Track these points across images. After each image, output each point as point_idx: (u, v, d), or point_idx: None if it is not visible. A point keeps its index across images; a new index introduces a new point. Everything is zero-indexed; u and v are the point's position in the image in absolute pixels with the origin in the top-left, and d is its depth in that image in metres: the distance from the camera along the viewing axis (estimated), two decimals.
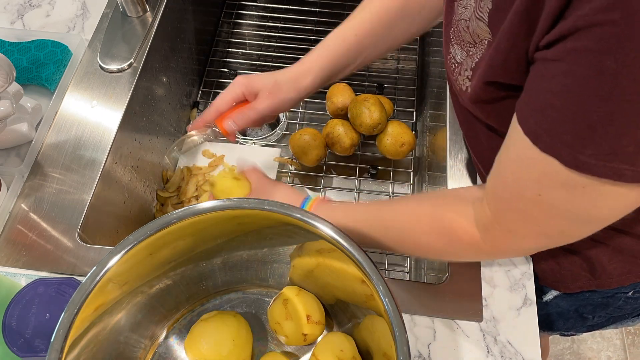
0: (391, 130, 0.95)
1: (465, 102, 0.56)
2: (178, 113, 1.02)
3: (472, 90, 0.52)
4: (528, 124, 0.40)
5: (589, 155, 0.37)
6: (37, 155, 0.75)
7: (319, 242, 0.53)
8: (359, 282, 0.51)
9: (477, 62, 0.50)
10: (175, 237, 0.52)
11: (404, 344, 0.44)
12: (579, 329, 0.84)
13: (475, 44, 0.49)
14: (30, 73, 0.82)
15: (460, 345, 0.62)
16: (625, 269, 0.66)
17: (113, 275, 0.48)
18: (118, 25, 0.87)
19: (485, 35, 0.47)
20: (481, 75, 0.48)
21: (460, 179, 0.74)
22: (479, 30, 0.48)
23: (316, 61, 0.69)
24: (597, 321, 0.79)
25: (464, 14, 0.50)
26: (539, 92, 0.39)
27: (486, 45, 0.47)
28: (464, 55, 0.52)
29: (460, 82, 0.54)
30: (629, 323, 0.82)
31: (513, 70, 0.44)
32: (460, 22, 0.51)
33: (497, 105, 0.51)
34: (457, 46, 0.53)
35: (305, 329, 0.59)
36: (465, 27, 0.50)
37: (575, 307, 0.77)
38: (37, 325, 0.57)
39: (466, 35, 0.50)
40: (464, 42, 0.51)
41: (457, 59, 0.54)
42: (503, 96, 0.49)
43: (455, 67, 0.54)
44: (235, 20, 1.20)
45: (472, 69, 0.51)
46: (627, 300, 0.72)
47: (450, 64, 0.56)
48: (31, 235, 0.69)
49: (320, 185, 1.00)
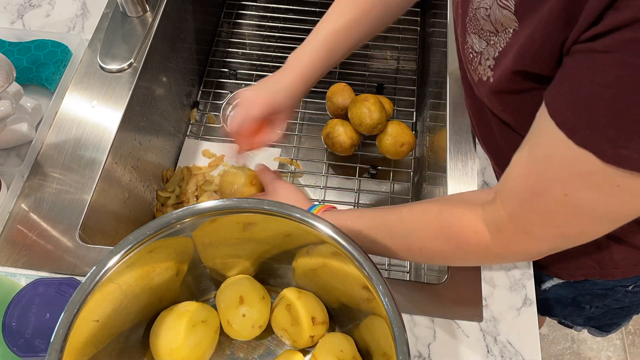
0: (391, 130, 0.95)
1: (483, 93, 0.54)
2: (178, 113, 1.02)
3: (496, 80, 0.50)
4: (564, 116, 0.38)
5: (632, 150, 0.36)
6: (37, 155, 0.75)
7: (321, 246, 0.53)
8: (360, 286, 0.51)
9: (501, 51, 0.48)
10: (178, 241, 0.53)
11: (404, 344, 0.44)
12: (575, 319, 0.84)
13: (497, 32, 0.48)
14: (30, 73, 0.82)
15: (460, 345, 0.62)
16: (633, 260, 0.66)
17: (113, 275, 0.48)
18: (118, 25, 0.87)
19: (511, 24, 0.46)
20: (509, 64, 0.47)
21: (460, 179, 0.74)
22: (503, 19, 0.46)
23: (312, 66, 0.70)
24: (594, 312, 0.79)
25: (483, 2, 0.49)
26: (582, 84, 0.37)
27: (511, 34, 0.46)
28: (484, 45, 0.50)
29: (480, 72, 0.52)
30: (625, 322, 0.82)
31: (545, 60, 0.43)
32: (479, 11, 0.50)
33: (519, 97, 0.50)
34: (475, 35, 0.51)
35: (312, 332, 0.59)
36: (485, 15, 0.49)
37: (573, 295, 0.77)
38: (37, 325, 0.57)
39: (486, 24, 0.49)
40: (484, 31, 0.50)
41: (475, 49, 0.52)
42: (528, 88, 0.48)
43: (474, 56, 0.53)
44: (235, 20, 1.20)
45: (495, 58, 0.49)
46: (626, 293, 0.72)
47: (467, 53, 0.54)
48: (31, 235, 0.69)
49: (321, 185, 1.00)
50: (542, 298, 0.79)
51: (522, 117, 0.45)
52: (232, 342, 0.63)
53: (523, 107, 0.50)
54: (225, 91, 1.12)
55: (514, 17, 0.45)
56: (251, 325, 0.59)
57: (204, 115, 1.10)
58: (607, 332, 0.85)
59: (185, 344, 0.56)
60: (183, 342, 0.56)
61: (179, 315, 0.58)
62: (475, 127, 0.69)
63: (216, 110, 1.07)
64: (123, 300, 0.53)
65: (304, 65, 0.70)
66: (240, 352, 0.63)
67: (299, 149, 1.05)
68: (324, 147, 1.01)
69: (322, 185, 1.00)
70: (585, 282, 0.73)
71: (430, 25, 1.12)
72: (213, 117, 1.08)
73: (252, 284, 0.62)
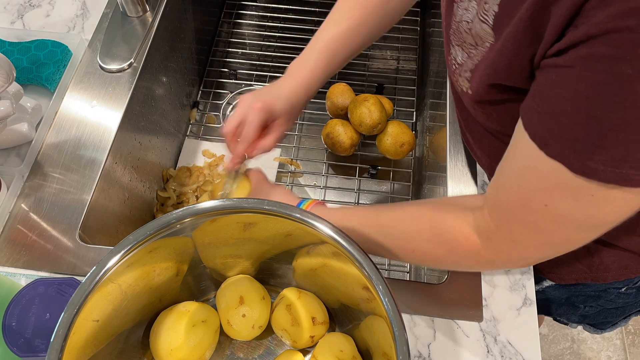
0: (391, 130, 0.95)
1: (467, 103, 0.55)
2: (178, 113, 1.02)
3: (474, 92, 0.52)
4: (535, 129, 0.40)
5: (597, 162, 0.36)
6: (37, 155, 0.75)
7: (321, 246, 0.53)
8: (360, 286, 0.51)
9: (477, 64, 0.50)
10: (178, 241, 0.53)
11: (404, 344, 0.44)
12: (570, 317, 0.85)
13: (476, 46, 0.49)
14: (30, 73, 0.82)
15: (460, 345, 0.62)
16: (623, 263, 0.66)
17: (113, 275, 0.48)
18: (118, 25, 0.87)
19: (488, 38, 0.47)
20: (483, 77, 0.48)
21: (460, 179, 0.74)
22: (481, 33, 0.47)
23: (314, 72, 0.70)
24: (589, 311, 0.80)
25: (465, 15, 0.50)
26: (549, 97, 0.38)
27: (488, 48, 0.47)
28: (465, 57, 0.52)
29: (460, 83, 0.54)
30: (622, 323, 0.82)
31: (517, 74, 0.44)
32: (461, 24, 0.51)
33: (500, 107, 0.51)
34: (458, 47, 0.53)
35: (312, 332, 0.59)
36: (467, 28, 0.50)
37: (567, 296, 0.78)
38: (37, 325, 0.57)
39: (468, 37, 0.50)
40: (465, 44, 0.51)
41: (458, 60, 0.54)
42: (506, 98, 0.49)
43: (456, 68, 0.54)
44: (235, 20, 1.20)
45: (472, 70, 0.51)
46: (619, 294, 0.73)
47: (451, 64, 0.56)
48: (31, 235, 0.69)
49: (321, 185, 1.00)
50: (537, 298, 0.79)
51: (507, 124, 0.45)
52: (232, 342, 0.63)
53: (504, 117, 0.51)
54: (225, 91, 1.12)
55: (491, 31, 0.46)
56: (251, 325, 0.59)
57: (204, 115, 1.10)
58: (602, 329, 0.85)
59: (185, 344, 0.56)
60: (183, 342, 0.56)
61: (179, 315, 0.58)
62: (466, 133, 0.69)
63: (216, 110, 1.07)
64: (123, 300, 0.53)
65: (305, 74, 0.70)
66: (240, 352, 0.63)
67: (299, 149, 1.05)
68: (324, 147, 1.01)
69: (322, 185, 1.00)
70: (577, 284, 0.73)
71: (430, 25, 1.12)
72: (213, 117, 1.08)
73: (252, 284, 0.62)
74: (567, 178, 0.38)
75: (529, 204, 0.43)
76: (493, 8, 0.45)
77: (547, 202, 0.42)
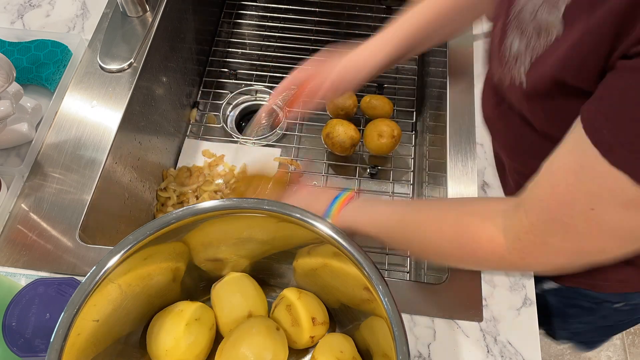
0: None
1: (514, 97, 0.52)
2: (178, 113, 1.02)
3: (529, 86, 0.48)
4: (600, 135, 0.37)
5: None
6: (37, 155, 0.75)
7: (321, 246, 0.53)
8: (361, 286, 0.51)
9: (539, 57, 0.46)
10: (178, 241, 0.53)
11: (404, 344, 0.44)
12: (560, 332, 0.83)
13: (539, 36, 0.46)
14: (30, 73, 0.82)
15: (460, 345, 0.62)
16: (623, 275, 0.65)
17: (113, 275, 0.48)
18: (118, 25, 0.87)
19: (556, 28, 0.44)
20: (548, 71, 0.45)
21: (460, 179, 0.74)
22: (549, 22, 0.44)
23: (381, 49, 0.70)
24: (579, 328, 0.78)
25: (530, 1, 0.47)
26: (621, 102, 0.36)
27: (553, 40, 0.44)
28: (523, 47, 0.48)
29: (513, 74, 0.50)
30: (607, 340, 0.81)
31: (588, 73, 0.41)
32: (524, 10, 0.47)
33: (554, 104, 0.48)
34: (517, 37, 0.49)
35: (312, 332, 0.59)
36: (531, 16, 0.46)
37: (562, 305, 0.77)
38: (37, 325, 0.57)
39: (530, 25, 0.47)
40: (526, 32, 0.48)
41: (513, 49, 0.50)
42: (564, 97, 0.46)
43: (510, 58, 0.51)
44: (235, 20, 1.20)
45: (532, 63, 0.47)
46: (614, 311, 0.72)
47: (503, 54, 0.52)
48: (31, 235, 0.69)
49: (321, 185, 1.00)
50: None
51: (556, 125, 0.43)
52: None
53: (557, 115, 0.48)
54: (225, 91, 1.12)
55: (562, 21, 0.43)
56: None
57: (204, 115, 1.09)
58: (591, 348, 0.84)
59: (180, 344, 0.56)
60: (178, 341, 0.56)
61: (172, 316, 0.58)
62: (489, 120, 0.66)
63: (216, 110, 1.07)
64: (123, 300, 0.53)
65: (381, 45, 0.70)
66: None
67: (299, 149, 1.05)
68: (324, 147, 1.01)
69: (322, 185, 1.00)
70: (575, 291, 0.72)
71: None
72: (213, 117, 1.08)
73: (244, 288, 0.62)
74: (626, 187, 0.36)
75: (574, 204, 0.41)
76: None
77: (594, 207, 0.39)
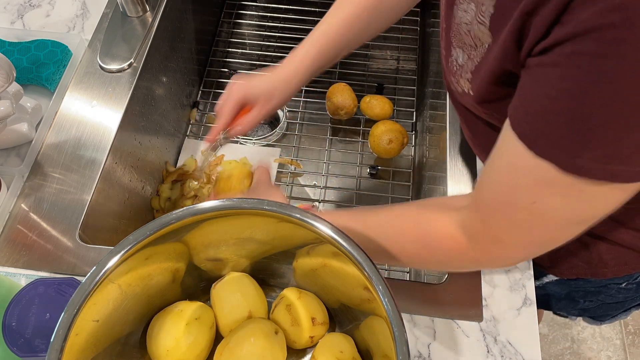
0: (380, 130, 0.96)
1: (467, 103, 0.56)
2: (178, 113, 1.02)
3: (476, 93, 0.52)
4: (522, 129, 0.40)
5: (587, 159, 0.37)
6: (37, 155, 0.75)
7: (321, 246, 0.53)
8: (361, 286, 0.51)
9: (477, 66, 0.50)
10: (178, 241, 0.52)
11: (404, 344, 0.44)
12: (570, 311, 0.85)
13: (476, 47, 0.49)
14: (30, 73, 0.82)
15: (460, 345, 0.62)
16: (622, 260, 0.67)
17: (113, 275, 0.48)
18: (118, 25, 0.87)
19: (487, 39, 0.47)
20: (484, 79, 0.49)
21: (460, 179, 0.75)
22: (480, 34, 0.48)
23: (303, 61, 0.72)
24: (588, 305, 0.80)
25: (464, 17, 0.50)
26: (535, 96, 0.38)
27: (486, 49, 0.48)
28: (466, 58, 0.52)
29: (462, 85, 0.54)
30: (622, 316, 0.82)
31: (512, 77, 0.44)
32: (461, 26, 0.51)
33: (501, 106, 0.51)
34: (459, 49, 0.53)
35: (312, 332, 0.59)
36: (466, 30, 0.50)
37: (567, 291, 0.78)
38: (37, 325, 0.57)
39: (467, 39, 0.51)
40: (466, 45, 0.51)
41: (459, 62, 0.54)
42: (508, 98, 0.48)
43: (457, 69, 0.54)
44: (235, 20, 1.20)
45: (472, 72, 0.51)
46: (620, 290, 0.73)
47: (452, 66, 0.56)
48: (31, 235, 0.69)
49: (321, 185, 1.00)
50: (536, 293, 0.79)
51: None
52: None
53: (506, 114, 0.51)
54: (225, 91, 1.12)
55: (489, 32, 0.46)
56: None
57: (204, 115, 1.10)
58: (602, 322, 0.85)
59: (180, 344, 0.56)
60: (178, 342, 0.56)
61: (171, 316, 0.58)
62: (466, 128, 0.69)
63: None
64: (123, 300, 0.53)
65: (292, 61, 0.72)
66: None
67: (299, 149, 1.05)
68: (325, 148, 1.02)
69: (322, 185, 1.00)
70: (578, 280, 0.74)
71: (430, 25, 1.12)
72: (213, 117, 1.08)
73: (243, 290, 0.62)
74: (556, 176, 0.39)
75: (516, 201, 0.43)
76: (489, 9, 0.45)
77: (535, 200, 0.42)
